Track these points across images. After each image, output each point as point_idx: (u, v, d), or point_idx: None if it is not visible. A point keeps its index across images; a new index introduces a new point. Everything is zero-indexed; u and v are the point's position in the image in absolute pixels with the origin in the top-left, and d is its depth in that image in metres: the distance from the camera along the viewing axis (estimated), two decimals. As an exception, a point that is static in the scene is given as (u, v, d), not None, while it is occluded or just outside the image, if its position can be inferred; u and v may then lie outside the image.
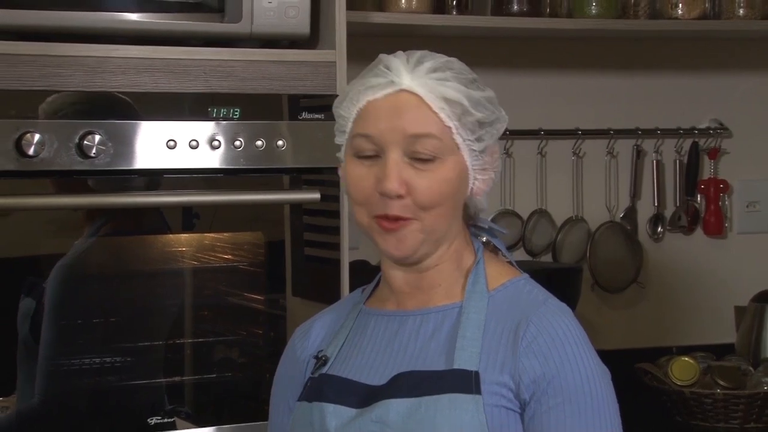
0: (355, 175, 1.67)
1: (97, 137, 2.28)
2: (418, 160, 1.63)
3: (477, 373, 1.61)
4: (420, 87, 1.64)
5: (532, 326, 1.62)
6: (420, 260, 1.69)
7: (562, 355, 1.61)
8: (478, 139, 1.67)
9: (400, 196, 1.63)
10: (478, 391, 1.60)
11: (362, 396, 1.67)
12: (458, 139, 1.65)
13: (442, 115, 1.64)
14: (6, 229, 2.28)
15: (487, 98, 1.68)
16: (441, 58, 1.68)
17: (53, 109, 2.27)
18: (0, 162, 2.23)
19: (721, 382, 2.95)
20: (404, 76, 1.64)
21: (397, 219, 1.64)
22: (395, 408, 1.62)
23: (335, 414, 1.67)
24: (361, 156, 1.66)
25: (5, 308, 2.29)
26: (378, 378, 1.67)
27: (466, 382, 1.61)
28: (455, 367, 1.62)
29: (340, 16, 2.48)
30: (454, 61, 1.68)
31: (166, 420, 2.40)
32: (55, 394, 2.33)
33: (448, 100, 1.64)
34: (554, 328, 1.63)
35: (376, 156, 1.65)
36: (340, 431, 1.65)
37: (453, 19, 2.90)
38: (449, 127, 1.64)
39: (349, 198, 1.71)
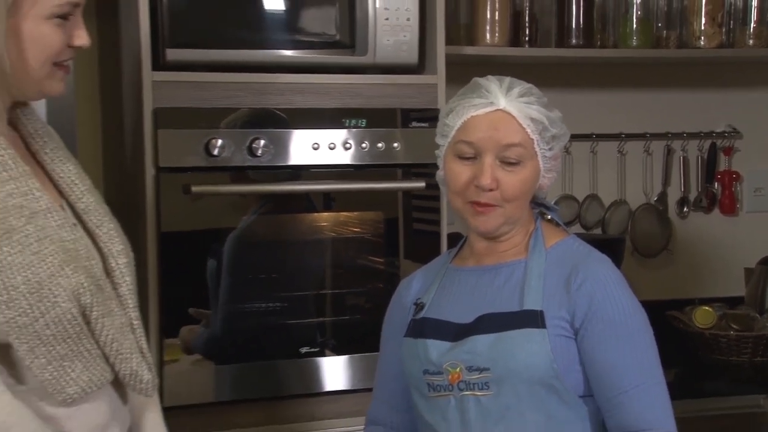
0: (455, 171, 1.70)
1: (262, 141, 2.31)
2: (506, 163, 1.67)
3: (542, 312, 1.64)
4: (513, 108, 1.67)
5: (581, 273, 1.66)
6: (499, 236, 1.73)
7: (603, 294, 1.64)
8: (551, 149, 1.70)
9: (491, 189, 1.66)
10: (543, 326, 1.63)
11: (454, 332, 1.69)
12: (537, 149, 1.68)
13: (528, 130, 1.67)
14: (198, 210, 2.29)
15: (559, 118, 1.71)
16: (525, 85, 1.71)
17: (231, 121, 2.31)
18: (194, 160, 2.26)
19: (734, 326, 2.95)
20: (501, 99, 1.67)
21: (486, 205, 1.67)
22: (481, 341, 1.65)
23: (435, 347, 1.69)
24: (461, 157, 1.69)
25: (200, 267, 2.33)
26: (465, 318, 1.69)
27: (533, 319, 1.64)
28: (525, 308, 1.65)
29: (440, 49, 2.50)
30: (533, 88, 1.71)
31: (313, 350, 2.41)
32: (231, 329, 2.35)
33: (533, 119, 1.67)
34: (596, 274, 1.66)
35: (473, 158, 1.68)
36: (440, 359, 1.68)
37: (526, 51, 2.90)
38: (532, 140, 1.68)
39: (448, 188, 1.74)
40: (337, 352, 2.44)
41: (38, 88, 1.48)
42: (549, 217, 1.81)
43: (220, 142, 2.28)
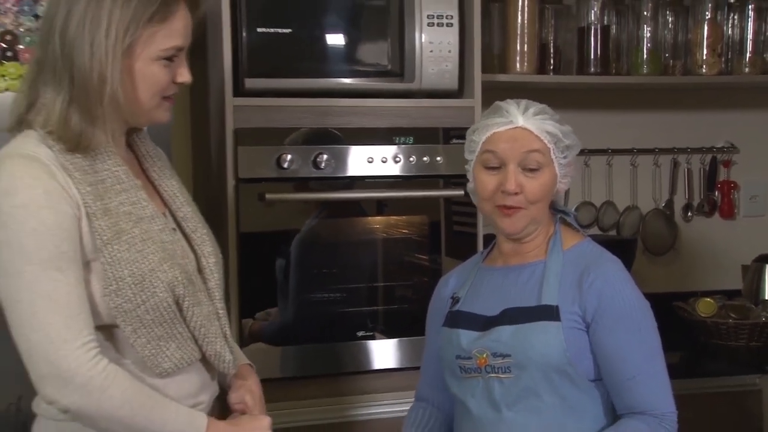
0: (483, 180, 1.69)
1: (325, 156, 2.31)
2: (528, 169, 1.65)
3: (557, 307, 1.62)
4: (530, 124, 1.66)
5: (592, 273, 1.63)
6: (524, 237, 1.71)
7: (612, 292, 1.61)
8: (565, 157, 1.68)
9: (516, 193, 1.64)
10: (558, 319, 1.61)
11: (482, 323, 1.69)
12: (553, 157, 1.66)
13: (545, 141, 1.65)
14: (269, 214, 2.30)
15: (570, 131, 1.70)
16: (539, 105, 1.69)
17: (298, 138, 2.32)
18: (267, 172, 2.27)
19: (732, 315, 2.90)
20: (519, 117, 1.66)
21: (511, 208, 1.66)
22: (504, 332, 1.65)
23: (466, 335, 1.70)
24: (487, 167, 1.68)
25: (269, 264, 2.33)
26: (492, 311, 1.68)
27: (549, 313, 1.62)
28: (542, 303, 1.63)
29: (477, 77, 2.50)
30: (546, 108, 1.70)
31: (367, 334, 2.41)
32: (300, 316, 2.36)
33: (548, 132, 1.66)
34: (606, 273, 1.64)
35: (498, 167, 1.66)
36: (470, 346, 1.68)
37: (551, 78, 2.88)
38: (549, 149, 1.66)
39: (477, 195, 1.72)
40: (388, 335, 2.44)
41: (148, 117, 1.53)
42: (568, 221, 1.79)
43: (289, 156, 2.29)
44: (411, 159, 2.41)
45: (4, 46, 2.00)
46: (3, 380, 1.91)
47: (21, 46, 2.01)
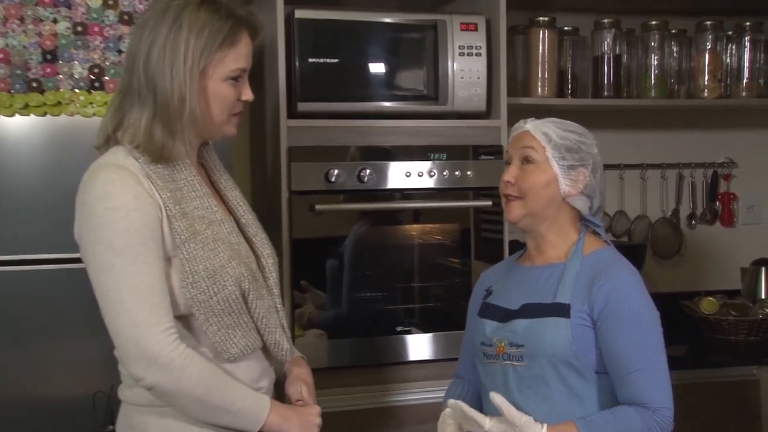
0: (502, 176, 1.72)
1: (368, 171, 2.32)
2: (524, 163, 1.67)
3: (569, 305, 1.61)
4: (532, 127, 1.68)
5: (603, 277, 1.61)
6: (527, 229, 1.71)
7: (619, 295, 1.59)
8: (563, 158, 1.66)
9: (511, 183, 1.67)
10: (568, 316, 1.60)
11: (504, 315, 1.69)
12: (549, 155, 1.66)
13: (539, 139, 1.67)
14: (319, 222, 2.31)
15: (576, 139, 1.68)
16: (556, 120, 1.70)
17: (350, 155, 2.33)
18: (316, 185, 2.29)
19: (733, 312, 2.87)
20: (529, 124, 1.70)
21: (511, 197, 1.68)
22: (521, 324, 1.65)
23: (490, 325, 1.71)
24: (507, 163, 1.72)
25: (318, 266, 2.35)
26: (514, 305, 1.68)
27: (561, 310, 1.61)
28: (556, 300, 1.63)
29: (503, 100, 2.50)
30: (565, 122, 1.70)
31: (405, 328, 2.40)
32: (351, 311, 2.37)
33: (544, 132, 1.67)
34: (616, 278, 1.61)
35: (511, 165, 1.71)
36: (491, 335, 1.69)
37: (568, 101, 2.86)
38: (543, 147, 1.66)
39: None
40: (424, 330, 2.44)
41: (220, 131, 1.57)
42: (594, 229, 1.76)
43: (336, 171, 2.30)
44: (444, 173, 2.41)
45: (92, 77, 2.05)
46: (95, 370, 1.95)
47: (106, 78, 2.06)
